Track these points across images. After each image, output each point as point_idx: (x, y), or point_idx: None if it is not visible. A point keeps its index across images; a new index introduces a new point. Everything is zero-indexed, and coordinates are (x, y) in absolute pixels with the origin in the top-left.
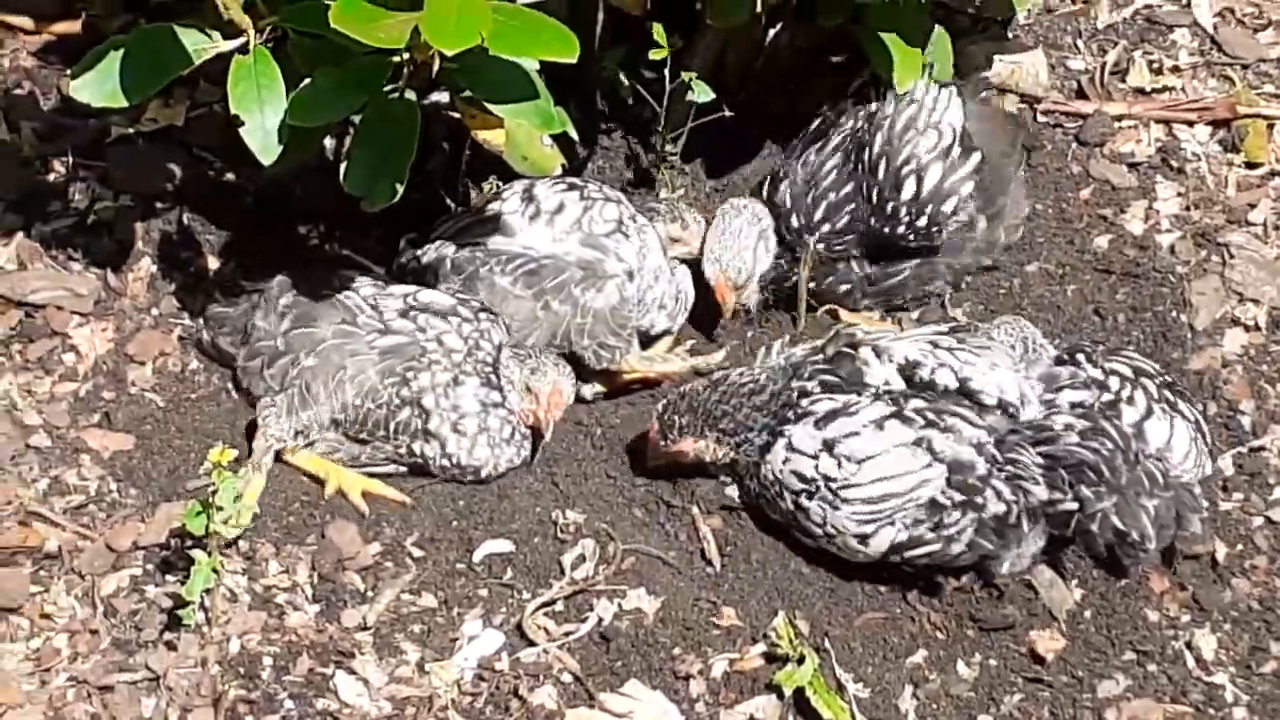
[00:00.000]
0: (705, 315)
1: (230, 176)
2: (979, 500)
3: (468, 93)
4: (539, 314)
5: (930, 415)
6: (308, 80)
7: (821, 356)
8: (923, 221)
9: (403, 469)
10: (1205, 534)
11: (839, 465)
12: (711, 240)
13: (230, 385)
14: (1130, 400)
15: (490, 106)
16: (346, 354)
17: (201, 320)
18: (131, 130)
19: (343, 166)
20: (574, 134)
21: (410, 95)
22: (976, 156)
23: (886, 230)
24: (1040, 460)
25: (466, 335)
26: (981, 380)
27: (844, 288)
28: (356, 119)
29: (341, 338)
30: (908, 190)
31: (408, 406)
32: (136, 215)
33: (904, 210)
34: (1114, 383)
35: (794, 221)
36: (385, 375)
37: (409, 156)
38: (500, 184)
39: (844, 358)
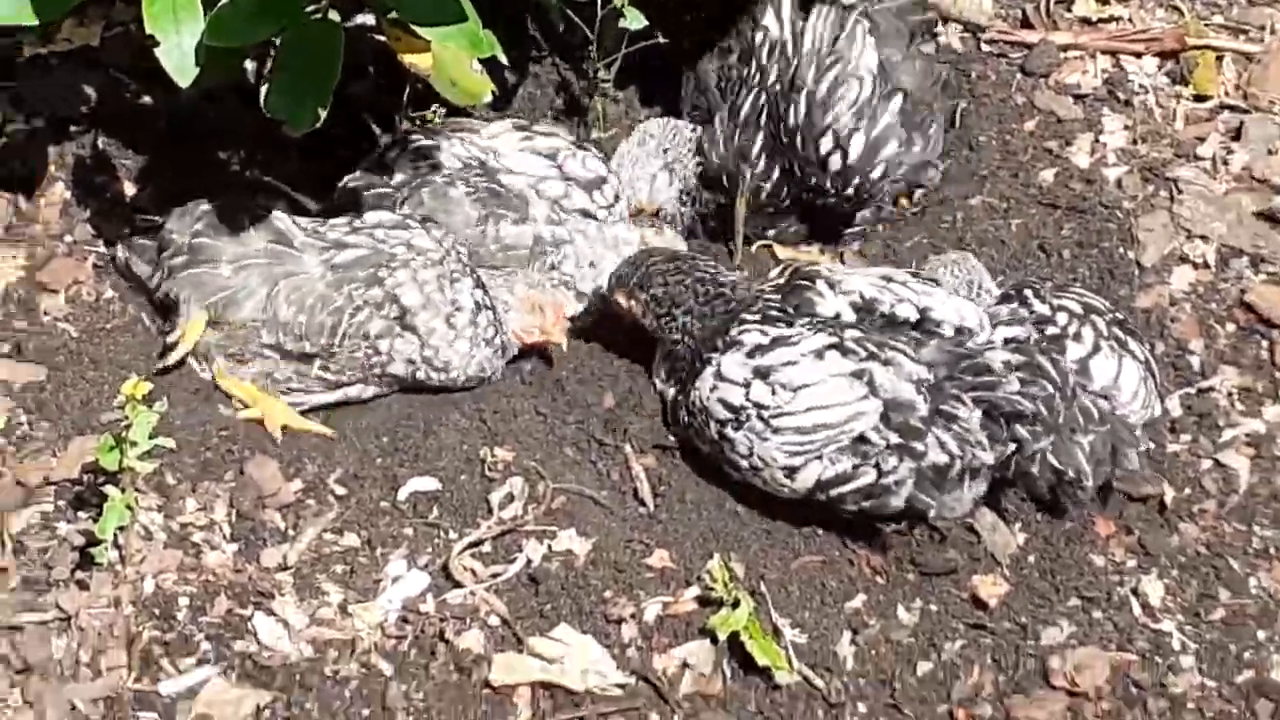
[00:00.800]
0: None
1: (146, 99)
2: (918, 447)
3: (393, 14)
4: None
5: (871, 347)
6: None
7: (772, 286)
8: (851, 191)
9: (337, 392)
10: (1143, 470)
11: (773, 392)
12: (614, 162)
13: (146, 315)
14: (1077, 337)
15: (416, 29)
16: (279, 274)
17: (120, 243)
18: (44, 50)
19: (263, 89)
20: (504, 58)
21: (334, 16)
22: (898, 100)
23: (819, 201)
24: (978, 415)
25: (439, 238)
26: (942, 309)
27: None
28: (278, 40)
29: (272, 258)
30: (833, 165)
31: (369, 307)
32: (49, 138)
33: (830, 183)
34: (1061, 318)
35: (725, 179)
36: (342, 284)
37: (332, 80)
38: (442, 112)
39: (797, 289)
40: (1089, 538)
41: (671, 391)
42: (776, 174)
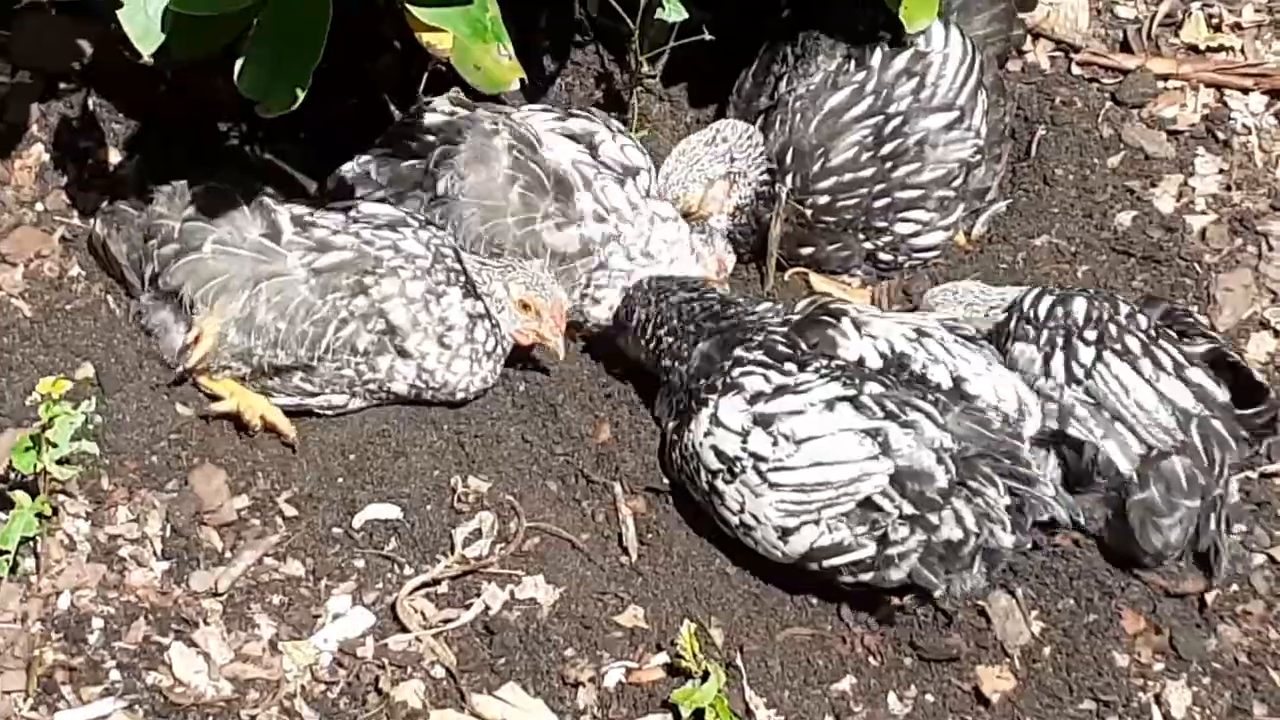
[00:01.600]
0: None
1: (148, 60)
2: (933, 519)
3: None
4: None
5: (890, 406)
6: None
7: (784, 319)
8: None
9: (317, 399)
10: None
11: (774, 443)
12: (669, 158)
13: (111, 298)
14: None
15: (412, 9)
16: (264, 274)
17: (99, 216)
18: None
19: (237, 64)
20: (507, 48)
21: None
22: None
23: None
24: (1006, 501)
25: (427, 240)
26: (978, 384)
27: (842, 255)
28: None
29: (259, 252)
30: (926, 209)
31: (357, 320)
32: (34, 94)
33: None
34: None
35: (790, 180)
36: (326, 291)
37: (315, 57)
38: (462, 94)
39: (818, 324)
40: (1114, 633)
41: (671, 425)
42: (858, 189)
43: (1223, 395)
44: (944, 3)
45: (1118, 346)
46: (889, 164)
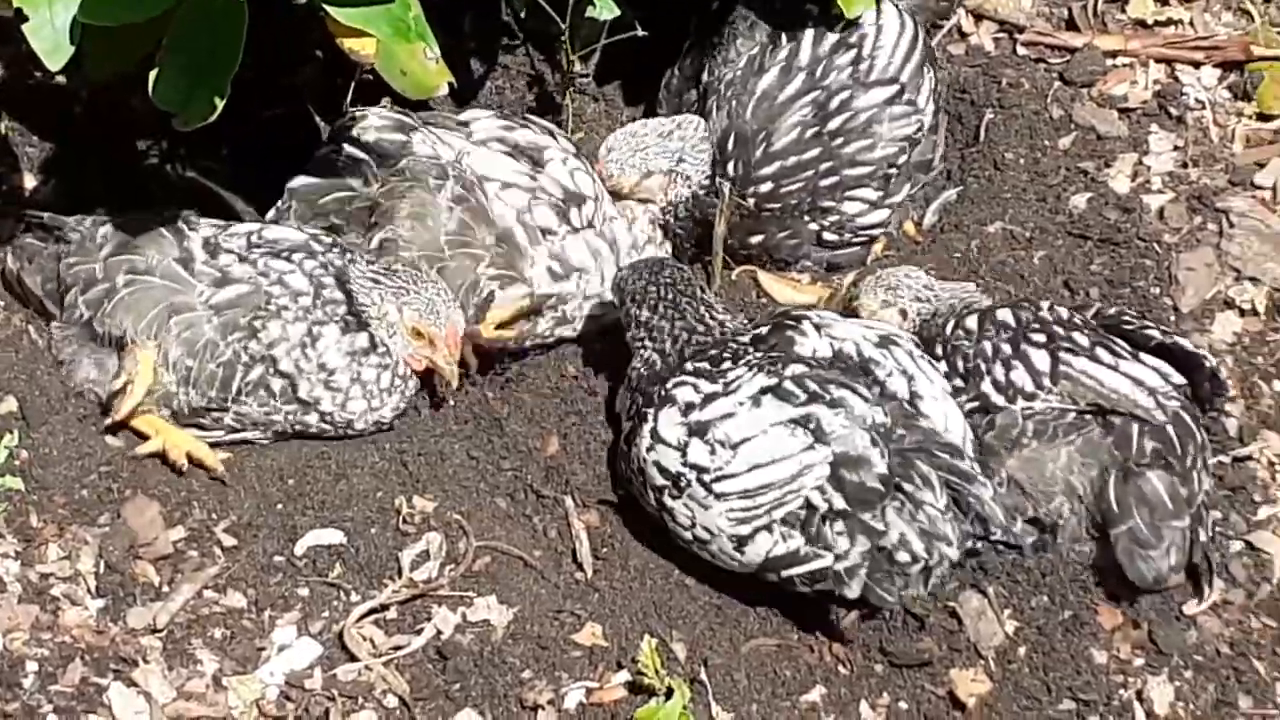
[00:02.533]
0: None
1: (61, 79)
2: (873, 523)
3: None
4: None
5: (813, 386)
6: None
7: (752, 333)
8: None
9: (240, 435)
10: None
11: (711, 452)
12: (619, 132)
13: (32, 329)
14: None
15: (331, 10)
16: (177, 306)
17: (9, 248)
18: None
19: (152, 75)
20: (434, 49)
21: None
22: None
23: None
24: (945, 501)
25: (311, 272)
26: (930, 405)
27: (792, 243)
28: None
29: (171, 279)
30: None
31: (258, 364)
32: None
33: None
34: None
35: (732, 168)
36: (227, 330)
37: (232, 65)
38: (393, 106)
39: (778, 328)
40: (1090, 629)
41: (624, 430)
42: (803, 173)
43: (1178, 379)
44: None
45: (1067, 345)
46: (836, 141)
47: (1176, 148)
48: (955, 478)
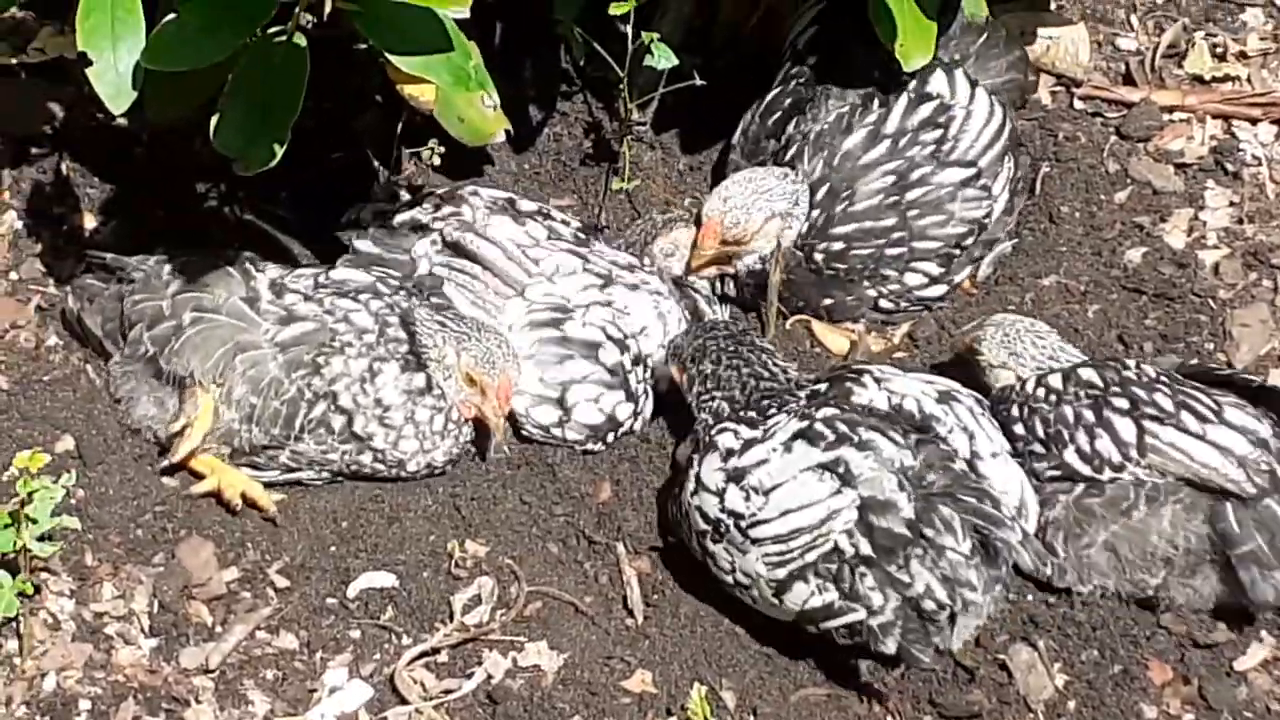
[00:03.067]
0: None
1: (122, 121)
2: (901, 576)
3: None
4: None
5: (842, 427)
6: (172, 16)
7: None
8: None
9: (295, 474)
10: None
11: (746, 498)
12: (732, 179)
13: (91, 368)
14: None
15: (392, 58)
16: (243, 344)
17: (69, 289)
18: (14, 60)
19: (213, 120)
20: (493, 97)
21: (300, 40)
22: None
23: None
24: (969, 546)
25: (376, 311)
26: (992, 465)
27: (850, 305)
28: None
29: (237, 318)
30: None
31: (322, 400)
32: (6, 159)
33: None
34: None
35: (815, 218)
36: (292, 368)
37: (293, 112)
38: (439, 147)
39: (838, 381)
40: (1140, 684)
41: (679, 474)
42: (879, 238)
43: (1266, 432)
44: (960, 54)
45: (1152, 411)
46: (912, 212)
47: (1232, 203)
48: (982, 521)
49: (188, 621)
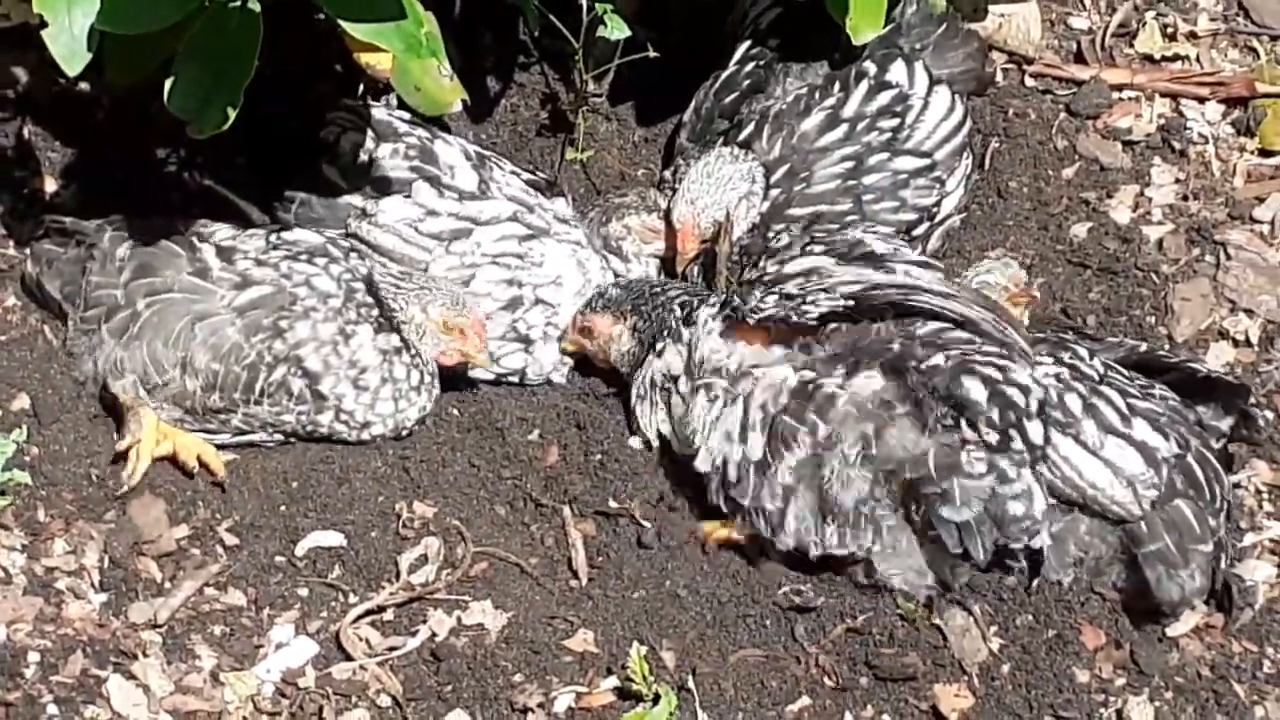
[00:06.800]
0: None
1: (84, 86)
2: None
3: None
4: None
5: None
6: None
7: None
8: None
9: (246, 437)
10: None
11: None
12: (691, 179)
13: (48, 328)
14: None
15: (345, 25)
16: (195, 314)
17: (29, 252)
18: None
19: (167, 83)
20: (447, 67)
21: (254, 4)
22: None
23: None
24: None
25: (338, 276)
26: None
27: None
28: None
29: (190, 291)
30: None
31: (282, 364)
32: None
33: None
34: None
35: (777, 194)
36: (250, 332)
37: (246, 75)
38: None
39: None
40: (1074, 648)
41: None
42: (838, 220)
43: (1198, 415)
44: (920, 43)
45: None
46: (867, 197)
47: (1178, 180)
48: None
49: (137, 577)
